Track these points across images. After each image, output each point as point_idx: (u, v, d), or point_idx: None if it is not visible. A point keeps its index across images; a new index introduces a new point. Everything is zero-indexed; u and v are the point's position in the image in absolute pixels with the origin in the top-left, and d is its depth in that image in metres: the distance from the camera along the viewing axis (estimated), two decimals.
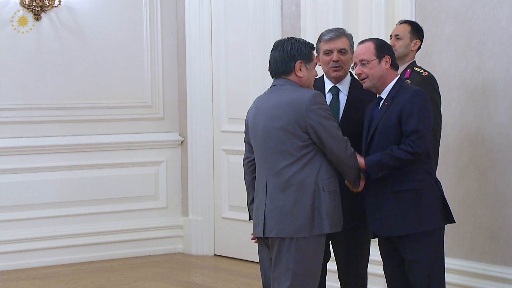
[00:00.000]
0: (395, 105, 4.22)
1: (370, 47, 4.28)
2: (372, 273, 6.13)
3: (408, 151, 4.12)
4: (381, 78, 4.28)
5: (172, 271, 7.24)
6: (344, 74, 4.54)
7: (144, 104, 7.97)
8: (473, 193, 5.46)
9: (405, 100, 4.18)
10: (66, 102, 7.62)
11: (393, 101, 4.23)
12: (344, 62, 4.50)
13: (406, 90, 4.25)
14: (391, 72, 4.31)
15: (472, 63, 5.45)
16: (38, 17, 7.46)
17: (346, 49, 4.50)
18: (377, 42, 4.32)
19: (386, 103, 4.26)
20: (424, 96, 4.22)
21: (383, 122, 4.23)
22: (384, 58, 4.27)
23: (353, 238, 4.56)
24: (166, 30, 8.03)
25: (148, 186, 7.99)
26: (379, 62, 4.27)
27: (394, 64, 4.33)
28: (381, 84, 4.30)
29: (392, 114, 4.21)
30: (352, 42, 4.57)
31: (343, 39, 4.52)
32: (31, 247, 7.41)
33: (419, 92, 4.23)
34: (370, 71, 4.27)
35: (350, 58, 4.50)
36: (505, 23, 5.26)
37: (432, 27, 5.68)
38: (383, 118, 4.23)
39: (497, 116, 5.31)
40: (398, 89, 4.27)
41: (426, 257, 4.20)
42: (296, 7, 6.86)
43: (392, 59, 4.31)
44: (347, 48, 4.51)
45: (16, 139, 7.41)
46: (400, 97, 4.22)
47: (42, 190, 7.47)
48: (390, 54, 4.31)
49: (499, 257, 5.33)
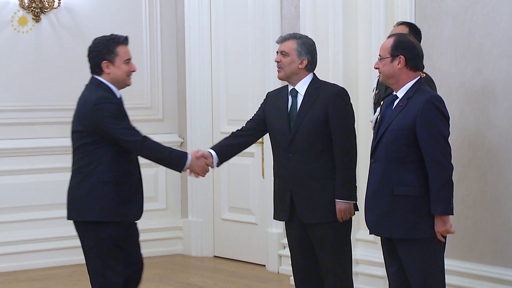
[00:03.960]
0: (410, 107, 4.17)
1: (388, 44, 4.25)
2: (372, 275, 6.14)
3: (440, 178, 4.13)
4: (392, 77, 4.25)
5: (172, 273, 7.24)
6: (284, 75, 4.75)
7: (143, 106, 7.97)
8: (472, 194, 5.47)
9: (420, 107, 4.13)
10: (65, 104, 7.59)
11: (408, 103, 4.19)
12: (284, 64, 4.72)
13: (422, 93, 4.19)
14: (407, 72, 4.23)
15: (471, 64, 5.46)
16: (38, 18, 7.46)
17: (287, 52, 4.71)
18: (396, 40, 4.25)
19: (401, 104, 4.22)
20: (436, 104, 4.15)
21: (396, 123, 4.19)
22: (398, 58, 4.21)
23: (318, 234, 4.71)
24: (166, 32, 8.03)
25: (147, 188, 7.83)
26: (391, 61, 4.22)
27: (412, 65, 4.23)
28: (393, 82, 4.26)
29: (406, 116, 4.16)
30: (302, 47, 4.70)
31: (289, 42, 4.73)
32: (31, 248, 7.40)
33: (431, 102, 4.15)
34: (382, 67, 4.27)
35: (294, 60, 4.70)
36: (505, 24, 5.26)
37: (431, 29, 5.68)
38: (396, 119, 4.19)
39: (497, 118, 5.31)
40: (415, 90, 4.22)
41: (420, 262, 4.17)
42: (295, 9, 6.86)
43: (408, 59, 4.22)
44: (288, 51, 4.71)
45: (15, 141, 7.41)
46: (416, 99, 4.17)
47: (41, 191, 7.47)
48: (407, 54, 4.22)
49: (498, 258, 5.33)
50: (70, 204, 4.58)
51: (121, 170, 4.49)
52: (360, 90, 6.18)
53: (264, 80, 7.15)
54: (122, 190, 4.49)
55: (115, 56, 4.51)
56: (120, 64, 4.53)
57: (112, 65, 4.51)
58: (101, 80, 4.54)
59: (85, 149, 4.49)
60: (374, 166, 4.29)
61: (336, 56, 6.22)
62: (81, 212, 4.50)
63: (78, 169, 4.53)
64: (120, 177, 4.49)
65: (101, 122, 4.40)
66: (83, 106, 4.51)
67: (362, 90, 6.15)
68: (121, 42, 4.54)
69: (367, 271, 6.14)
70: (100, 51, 4.51)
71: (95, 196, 4.44)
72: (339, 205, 4.64)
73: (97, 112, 4.41)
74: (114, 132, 4.42)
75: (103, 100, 4.45)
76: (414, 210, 4.16)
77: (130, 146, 4.47)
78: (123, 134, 4.42)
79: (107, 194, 4.44)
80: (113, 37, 4.54)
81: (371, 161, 4.31)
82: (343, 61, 6.22)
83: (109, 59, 4.50)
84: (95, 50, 4.53)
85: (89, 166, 4.47)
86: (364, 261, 6.17)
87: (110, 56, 4.50)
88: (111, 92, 4.54)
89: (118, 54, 4.52)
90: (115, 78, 4.54)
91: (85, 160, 4.48)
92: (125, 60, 4.56)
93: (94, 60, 4.54)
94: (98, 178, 4.45)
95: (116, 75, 4.54)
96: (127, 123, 4.49)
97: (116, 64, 4.52)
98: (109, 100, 4.47)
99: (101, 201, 4.43)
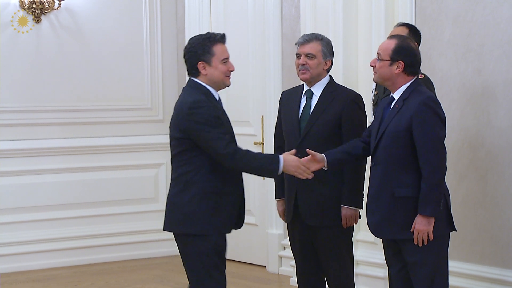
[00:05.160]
0: (405, 109, 4.18)
1: (389, 47, 4.24)
2: (372, 276, 6.14)
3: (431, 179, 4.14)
4: (389, 79, 4.25)
5: (172, 274, 7.24)
6: (310, 77, 4.69)
7: (144, 107, 7.97)
8: (473, 195, 5.47)
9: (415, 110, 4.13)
10: (66, 105, 7.63)
11: (404, 104, 4.19)
12: (311, 66, 4.67)
13: (418, 94, 4.19)
14: (404, 77, 4.24)
15: (471, 65, 5.46)
16: (38, 19, 7.46)
17: (313, 54, 4.66)
18: (398, 45, 4.23)
19: (397, 106, 4.23)
20: (430, 105, 4.15)
21: (393, 126, 4.20)
22: (397, 63, 4.21)
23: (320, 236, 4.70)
24: (166, 32, 8.04)
25: (148, 189, 7.99)
26: (390, 64, 4.22)
27: (410, 71, 4.23)
28: (390, 84, 4.27)
29: (402, 118, 4.17)
30: (327, 48, 4.70)
31: (313, 44, 4.68)
32: (31, 249, 7.40)
33: (426, 103, 4.15)
34: (379, 68, 4.26)
35: (320, 62, 4.67)
36: (505, 25, 5.26)
37: (431, 30, 5.68)
38: (393, 121, 4.20)
39: (497, 119, 5.31)
40: (411, 91, 4.22)
41: (428, 260, 4.18)
42: (295, 10, 6.86)
43: (407, 65, 4.21)
44: (315, 53, 4.66)
45: (16, 142, 7.41)
46: (412, 100, 4.17)
47: (42, 192, 7.47)
48: (407, 60, 4.21)
49: (499, 259, 5.33)
50: (169, 216, 4.28)
51: (221, 179, 4.20)
52: (360, 91, 6.14)
53: (265, 81, 7.15)
54: (223, 200, 4.20)
55: (211, 56, 4.22)
56: (217, 64, 4.23)
57: (209, 65, 4.22)
58: (199, 82, 4.24)
59: (183, 156, 4.19)
60: (375, 168, 4.29)
61: (336, 57, 6.18)
62: (181, 225, 4.22)
63: (177, 177, 4.22)
64: (221, 186, 4.20)
65: (193, 128, 4.11)
66: (179, 111, 4.20)
67: (362, 91, 6.11)
68: (218, 41, 4.27)
69: (368, 272, 6.14)
70: (195, 51, 4.22)
71: (196, 207, 4.16)
72: (345, 211, 4.63)
73: (191, 117, 4.11)
74: (204, 141, 4.12)
75: (198, 105, 4.13)
76: (416, 211, 4.16)
77: (219, 159, 4.14)
78: (213, 146, 4.11)
79: (208, 205, 4.16)
80: (209, 36, 4.26)
81: (372, 164, 4.32)
82: (343, 62, 6.22)
83: (205, 59, 4.22)
84: (190, 51, 4.24)
85: (188, 175, 4.17)
86: (364, 262, 6.17)
87: (206, 56, 4.22)
88: (209, 94, 4.22)
89: (215, 53, 4.23)
90: (212, 79, 4.24)
91: (184, 168, 4.18)
92: (223, 60, 4.25)
93: (190, 61, 4.25)
94: (198, 188, 4.16)
95: (213, 76, 4.23)
96: (220, 131, 4.13)
97: (213, 64, 4.22)
98: (205, 104, 4.14)
99: (202, 213, 4.16)
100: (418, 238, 4.13)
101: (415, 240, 4.13)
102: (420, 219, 4.12)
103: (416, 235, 4.13)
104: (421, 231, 4.12)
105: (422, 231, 4.12)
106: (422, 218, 4.12)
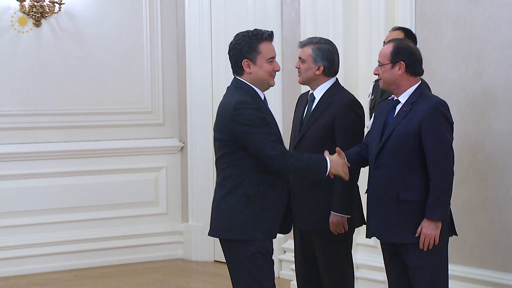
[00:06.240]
0: (414, 112, 4.17)
1: (387, 51, 4.25)
2: (372, 279, 6.14)
3: (441, 184, 4.14)
4: (394, 83, 4.24)
5: (172, 277, 7.23)
6: (302, 80, 4.73)
7: (144, 110, 7.97)
8: (473, 199, 5.46)
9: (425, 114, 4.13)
10: (66, 108, 7.63)
11: (413, 108, 4.19)
12: (302, 70, 4.70)
13: (427, 99, 4.20)
14: (407, 78, 4.24)
15: (472, 69, 5.45)
16: (39, 23, 7.46)
17: (303, 58, 4.67)
18: (396, 46, 4.24)
19: (404, 109, 4.22)
20: (442, 111, 4.17)
21: (401, 129, 4.19)
22: (398, 64, 4.21)
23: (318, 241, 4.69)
24: (166, 36, 8.04)
25: (148, 192, 7.99)
26: (392, 67, 4.23)
27: (413, 71, 4.23)
28: (395, 88, 4.26)
29: (411, 122, 4.16)
30: (317, 53, 4.65)
31: (305, 48, 4.69)
32: (31, 253, 7.40)
33: (437, 108, 4.16)
34: (383, 74, 4.26)
35: (310, 67, 4.66)
36: (505, 28, 5.26)
37: (432, 33, 5.68)
38: (400, 124, 4.19)
39: (497, 122, 5.30)
40: (418, 95, 4.22)
41: (429, 263, 4.17)
42: (296, 13, 6.86)
43: (408, 65, 4.21)
44: (304, 57, 4.67)
45: (16, 145, 7.42)
46: (421, 104, 4.17)
47: (42, 196, 7.47)
48: (407, 60, 4.21)
49: (499, 263, 5.32)
50: (215, 220, 4.16)
51: (267, 183, 4.07)
52: (360, 95, 6.16)
53: None
54: (269, 205, 4.08)
55: (257, 55, 4.08)
56: (262, 63, 4.09)
57: (254, 64, 4.09)
58: (244, 82, 4.13)
59: (228, 159, 4.07)
60: (378, 171, 4.27)
61: None
62: (227, 230, 4.08)
63: (221, 181, 4.10)
64: (267, 190, 4.07)
65: (238, 130, 3.98)
66: (223, 112, 4.09)
67: (362, 95, 6.13)
68: (265, 39, 4.10)
69: (368, 276, 6.13)
70: (241, 48, 4.09)
71: (241, 212, 4.03)
72: (331, 217, 4.59)
73: (236, 118, 3.99)
74: (251, 143, 4.00)
75: (243, 106, 4.01)
76: (421, 215, 4.15)
77: (266, 161, 4.02)
78: (260, 148, 3.99)
79: (254, 210, 4.03)
80: (256, 33, 4.09)
81: (374, 166, 4.30)
82: (343, 66, 6.19)
83: (251, 57, 4.08)
84: (235, 47, 4.12)
85: (233, 178, 4.06)
86: (364, 265, 6.16)
87: (252, 54, 4.08)
88: (254, 94, 4.11)
89: (261, 52, 4.08)
90: (256, 78, 4.11)
91: (228, 171, 4.06)
92: (269, 59, 4.10)
93: (234, 58, 4.13)
94: (243, 192, 4.04)
95: (257, 75, 4.11)
96: (266, 132, 4.01)
97: (258, 63, 4.09)
98: (249, 105, 4.02)
99: (248, 218, 4.03)
100: (424, 242, 4.12)
101: (421, 245, 4.12)
102: (427, 224, 4.12)
103: (423, 239, 4.12)
104: (428, 235, 4.11)
105: (429, 236, 4.12)
106: (430, 222, 4.11)
